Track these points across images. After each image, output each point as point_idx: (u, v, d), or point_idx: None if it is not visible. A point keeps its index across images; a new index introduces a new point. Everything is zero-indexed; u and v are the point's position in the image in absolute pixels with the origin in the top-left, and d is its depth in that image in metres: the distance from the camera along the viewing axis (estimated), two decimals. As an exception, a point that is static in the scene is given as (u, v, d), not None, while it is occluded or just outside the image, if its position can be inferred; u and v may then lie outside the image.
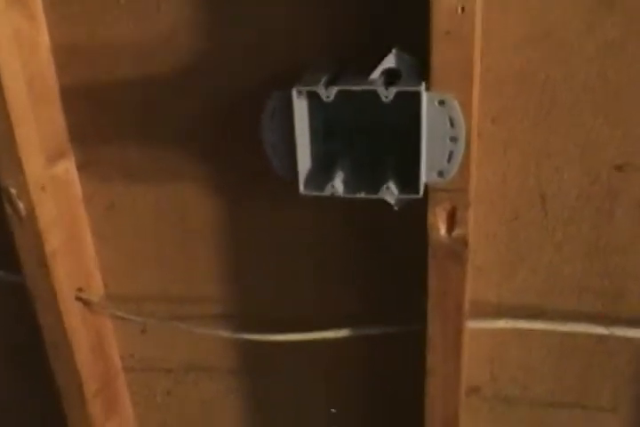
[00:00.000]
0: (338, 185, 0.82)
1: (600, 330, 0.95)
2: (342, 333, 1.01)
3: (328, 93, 0.77)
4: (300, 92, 0.79)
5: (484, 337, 1.01)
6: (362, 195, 0.82)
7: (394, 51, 0.78)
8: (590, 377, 1.02)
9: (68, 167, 1.03)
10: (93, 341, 1.14)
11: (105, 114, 1.00)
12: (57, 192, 1.01)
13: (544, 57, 0.82)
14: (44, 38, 0.96)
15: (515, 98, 0.85)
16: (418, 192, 0.80)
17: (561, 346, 1.01)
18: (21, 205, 0.98)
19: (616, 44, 0.80)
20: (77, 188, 1.06)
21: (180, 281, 1.11)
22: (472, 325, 0.95)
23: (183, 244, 1.07)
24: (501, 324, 0.97)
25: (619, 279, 0.94)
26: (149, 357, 1.20)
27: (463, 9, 0.73)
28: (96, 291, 1.13)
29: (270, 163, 0.85)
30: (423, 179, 0.80)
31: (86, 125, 1.02)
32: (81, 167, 1.05)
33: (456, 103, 0.77)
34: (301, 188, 0.83)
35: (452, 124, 0.78)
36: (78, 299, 1.09)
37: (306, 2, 0.86)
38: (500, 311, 0.98)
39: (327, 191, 0.82)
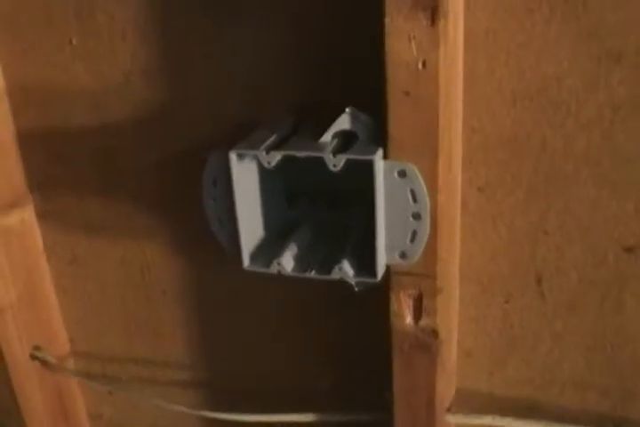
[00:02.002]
0: (286, 262, 0.70)
1: (608, 432, 0.81)
2: (306, 417, 0.89)
3: (269, 159, 0.65)
4: (240, 156, 0.68)
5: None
6: (312, 274, 0.70)
7: (348, 110, 0.66)
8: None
9: (24, 217, 0.95)
10: (54, 404, 1.04)
11: (62, 162, 0.91)
12: (8, 244, 0.93)
13: (536, 119, 0.69)
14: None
15: (505, 165, 0.72)
16: (375, 276, 0.68)
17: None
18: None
19: (624, 105, 0.67)
20: (37, 238, 0.98)
21: (145, 342, 1.01)
22: (453, 419, 0.82)
23: (148, 304, 0.97)
24: (488, 420, 0.83)
25: (628, 377, 0.79)
26: (118, 420, 1.10)
27: (424, 64, 0.60)
28: (59, 347, 1.04)
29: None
30: (381, 261, 0.68)
31: (45, 173, 0.93)
32: (41, 217, 0.97)
33: (418, 174, 0.64)
34: (246, 263, 0.72)
35: (414, 199, 0.65)
36: (34, 358, 0.99)
37: (267, 54, 0.76)
38: (489, 402, 0.85)
39: (273, 269, 0.70)
